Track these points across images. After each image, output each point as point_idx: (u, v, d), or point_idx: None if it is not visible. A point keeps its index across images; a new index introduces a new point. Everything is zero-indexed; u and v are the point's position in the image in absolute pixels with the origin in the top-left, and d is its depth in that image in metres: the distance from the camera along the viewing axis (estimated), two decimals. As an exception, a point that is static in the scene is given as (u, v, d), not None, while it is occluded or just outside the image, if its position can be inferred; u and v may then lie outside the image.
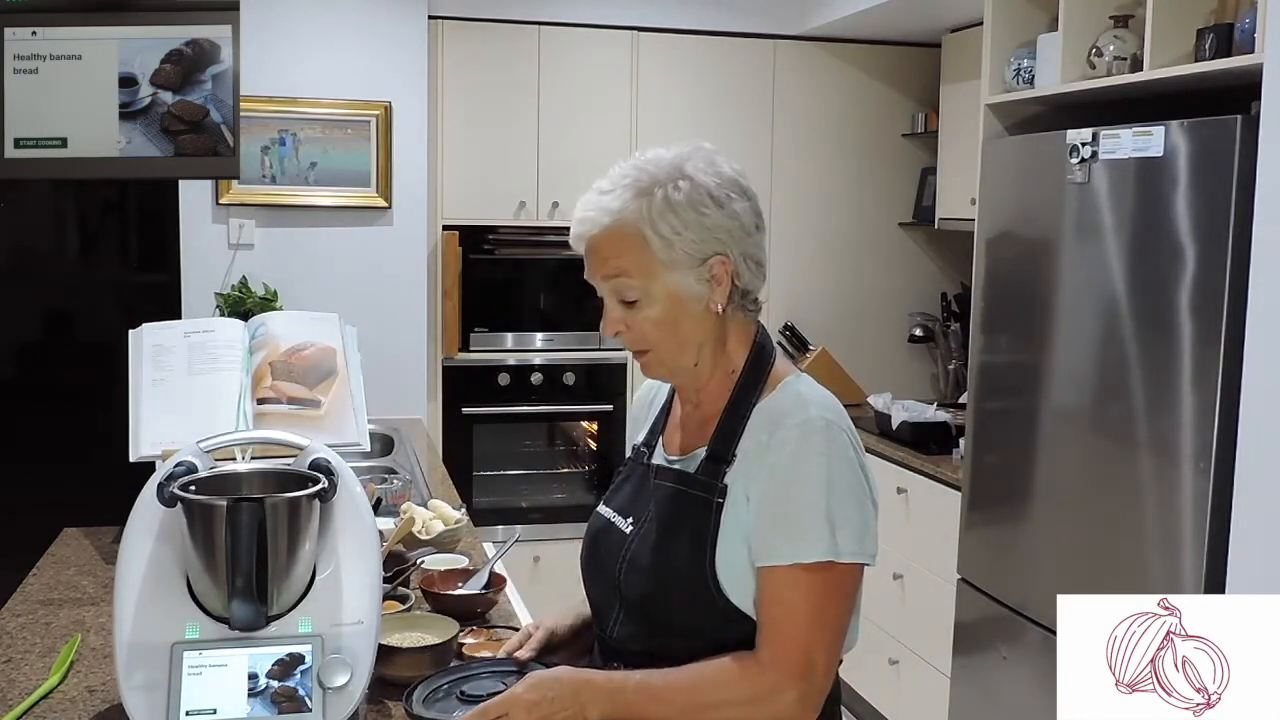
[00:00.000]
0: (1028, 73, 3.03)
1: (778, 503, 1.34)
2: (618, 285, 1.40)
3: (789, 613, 1.32)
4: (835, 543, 1.31)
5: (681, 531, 1.40)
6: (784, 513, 1.33)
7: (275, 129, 3.81)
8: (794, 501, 1.33)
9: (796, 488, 1.33)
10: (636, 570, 1.43)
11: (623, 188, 1.39)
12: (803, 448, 1.34)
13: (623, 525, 1.48)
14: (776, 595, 1.33)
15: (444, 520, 2.29)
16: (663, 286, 1.39)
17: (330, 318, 2.24)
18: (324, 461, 1.47)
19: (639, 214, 1.37)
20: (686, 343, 1.42)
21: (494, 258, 4.12)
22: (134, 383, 2.11)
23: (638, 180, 1.39)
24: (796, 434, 1.34)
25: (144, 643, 1.39)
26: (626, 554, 1.45)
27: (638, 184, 1.38)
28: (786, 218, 4.34)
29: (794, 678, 1.31)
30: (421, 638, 1.69)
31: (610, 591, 1.47)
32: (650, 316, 1.40)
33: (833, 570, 1.32)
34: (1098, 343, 2.70)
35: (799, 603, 1.32)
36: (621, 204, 1.38)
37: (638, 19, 4.16)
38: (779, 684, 1.31)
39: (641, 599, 1.41)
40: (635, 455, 1.56)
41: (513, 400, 4.14)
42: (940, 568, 3.33)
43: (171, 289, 3.81)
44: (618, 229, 1.38)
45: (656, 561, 1.40)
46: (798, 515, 1.32)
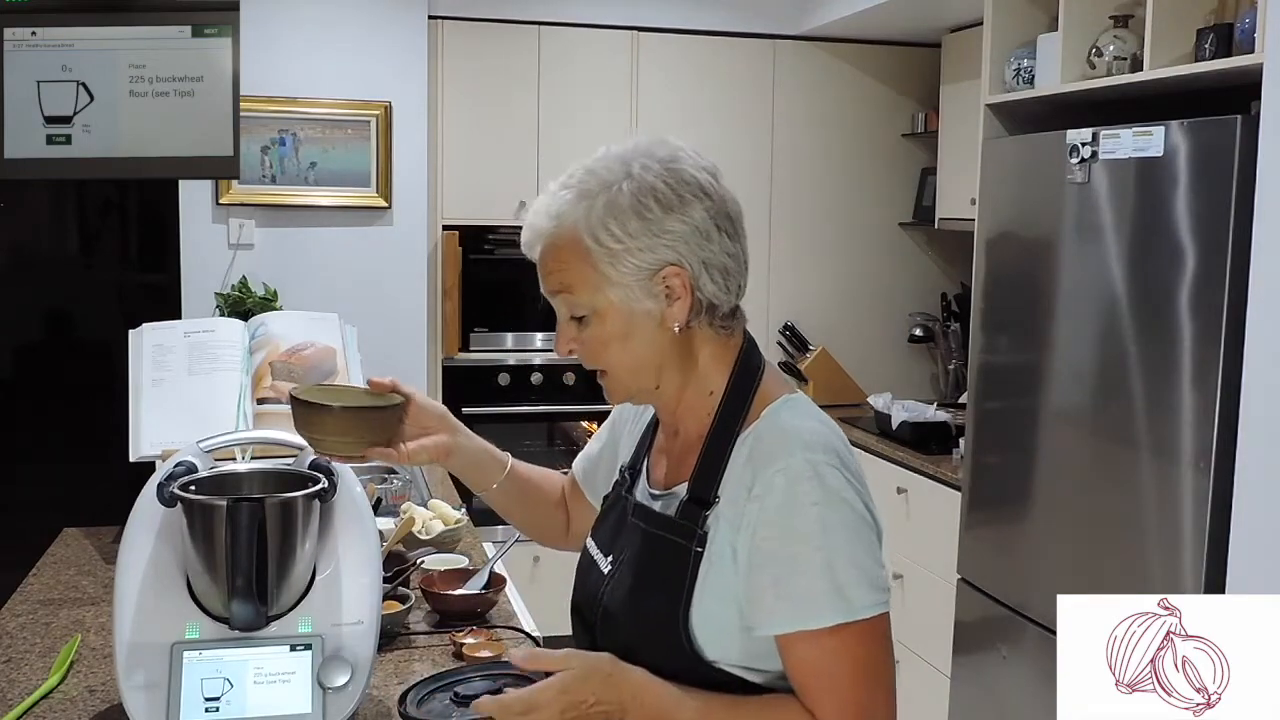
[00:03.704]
0: (1028, 73, 3.03)
1: (773, 564, 1.17)
2: (564, 301, 1.26)
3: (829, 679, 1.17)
4: (847, 602, 1.15)
5: (654, 580, 1.24)
6: (781, 576, 1.16)
7: (275, 129, 3.81)
8: (790, 563, 1.16)
9: (791, 546, 1.16)
10: (610, 619, 1.29)
11: (568, 189, 1.24)
12: (791, 498, 1.17)
13: (602, 564, 1.34)
14: (806, 664, 1.17)
15: (444, 520, 2.30)
16: (609, 302, 1.23)
17: (330, 318, 2.25)
18: (324, 461, 1.47)
19: (580, 221, 1.22)
20: (643, 365, 1.27)
21: (494, 258, 4.13)
22: (134, 383, 2.11)
23: (583, 182, 1.24)
24: (782, 481, 1.17)
25: (144, 643, 1.39)
26: (602, 598, 1.31)
27: (583, 186, 1.23)
28: (786, 218, 4.35)
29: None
30: (358, 397, 1.38)
31: (589, 633, 1.33)
32: (598, 335, 1.25)
33: (847, 630, 1.15)
34: (1098, 343, 2.70)
35: (834, 665, 1.16)
36: (562, 209, 1.23)
37: (638, 19, 4.16)
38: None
39: (618, 650, 1.23)
40: (620, 480, 1.41)
41: (513, 400, 4.14)
42: (940, 568, 3.33)
43: (171, 289, 3.81)
44: (558, 238, 1.23)
45: (629, 611, 1.27)
46: (798, 579, 1.16)
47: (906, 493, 3.54)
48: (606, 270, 1.22)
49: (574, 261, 1.23)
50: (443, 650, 1.78)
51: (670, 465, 1.34)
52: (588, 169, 1.26)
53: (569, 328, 1.28)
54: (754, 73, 4.30)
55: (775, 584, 1.17)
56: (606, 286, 1.23)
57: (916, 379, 4.49)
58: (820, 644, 1.16)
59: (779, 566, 1.16)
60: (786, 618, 1.16)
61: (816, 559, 1.15)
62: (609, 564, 1.33)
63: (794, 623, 1.16)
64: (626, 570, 1.29)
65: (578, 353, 1.30)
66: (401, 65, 3.92)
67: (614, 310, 1.24)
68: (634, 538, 1.31)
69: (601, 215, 1.21)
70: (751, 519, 1.18)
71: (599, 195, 1.22)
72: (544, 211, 1.25)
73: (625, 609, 1.27)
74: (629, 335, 1.25)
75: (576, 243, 1.22)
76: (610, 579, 1.31)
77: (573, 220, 1.22)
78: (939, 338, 4.29)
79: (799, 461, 1.18)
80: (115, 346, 2.23)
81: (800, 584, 1.15)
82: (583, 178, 1.25)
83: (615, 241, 1.21)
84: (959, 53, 3.98)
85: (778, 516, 1.17)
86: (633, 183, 1.22)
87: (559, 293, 1.26)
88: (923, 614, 3.47)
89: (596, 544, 1.39)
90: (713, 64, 4.25)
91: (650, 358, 1.26)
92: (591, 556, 1.38)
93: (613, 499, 1.42)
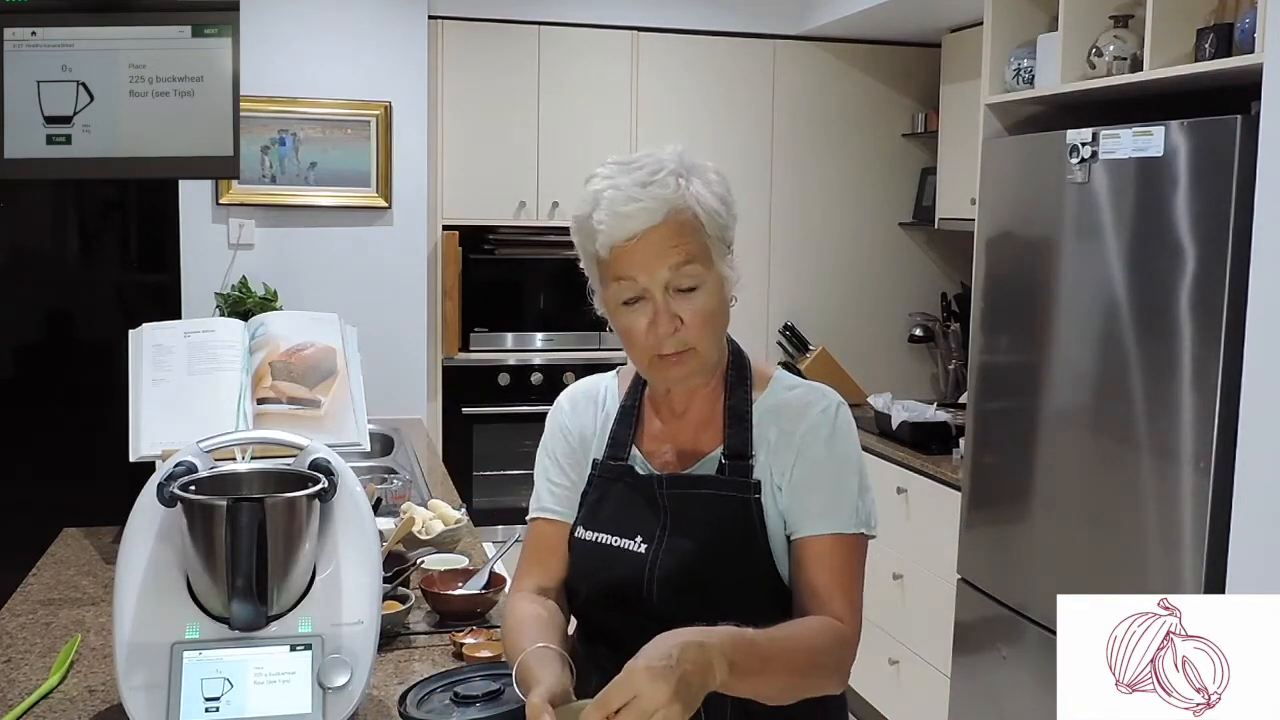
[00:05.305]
0: (1028, 73, 3.03)
1: (818, 479, 1.40)
2: (685, 274, 1.35)
3: (843, 575, 1.38)
4: (866, 516, 1.41)
5: (725, 534, 1.40)
6: (827, 487, 1.40)
7: (275, 129, 3.81)
8: (833, 478, 1.40)
9: (834, 465, 1.40)
10: (674, 586, 1.38)
11: (665, 173, 1.34)
12: (835, 429, 1.42)
13: (632, 546, 1.42)
14: (827, 561, 1.38)
15: (444, 520, 2.29)
16: (716, 274, 1.38)
17: (330, 318, 2.24)
18: (324, 461, 1.47)
19: (693, 198, 1.35)
20: (722, 338, 1.44)
21: (494, 258, 4.13)
22: (134, 383, 2.11)
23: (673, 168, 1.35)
24: (826, 420, 1.42)
25: (144, 643, 1.39)
26: (653, 573, 1.40)
27: (676, 171, 1.35)
28: (786, 218, 4.35)
29: (858, 631, 1.37)
30: None
31: (635, 615, 1.38)
32: (706, 307, 1.37)
33: (861, 540, 1.40)
34: (1098, 343, 2.70)
35: (849, 566, 1.39)
36: (672, 190, 1.33)
37: (638, 19, 4.16)
38: (852, 639, 1.36)
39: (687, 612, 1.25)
40: (609, 472, 1.48)
41: (513, 400, 4.14)
42: (940, 568, 3.33)
43: (171, 289, 3.81)
44: (677, 215, 1.34)
45: (702, 569, 1.38)
46: (836, 491, 1.40)
47: (906, 493, 3.54)
48: (718, 243, 1.37)
49: (691, 235, 1.35)
50: (443, 650, 1.78)
51: (684, 441, 1.46)
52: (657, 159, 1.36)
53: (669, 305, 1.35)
54: (754, 73, 4.30)
55: (821, 493, 1.39)
56: (715, 258, 1.37)
57: (916, 379, 4.49)
58: (844, 545, 1.38)
59: (827, 479, 1.40)
60: (827, 521, 1.38)
61: (853, 479, 1.41)
62: (640, 544, 1.42)
63: (832, 525, 1.38)
64: (679, 540, 1.40)
65: (681, 332, 1.36)
66: (401, 65, 3.92)
67: (716, 282, 1.37)
68: (679, 506, 1.41)
69: (701, 193, 1.35)
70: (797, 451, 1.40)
71: (693, 179, 1.36)
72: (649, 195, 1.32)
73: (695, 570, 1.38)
74: (721, 308, 1.40)
75: (692, 218, 1.35)
76: (656, 555, 1.40)
77: (685, 198, 1.34)
78: (939, 338, 4.29)
79: (834, 402, 1.44)
80: (115, 347, 2.23)
81: (839, 496, 1.40)
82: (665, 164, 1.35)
83: (716, 216, 1.36)
84: (959, 53, 3.98)
85: (825, 445, 1.40)
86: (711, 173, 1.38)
87: (683, 264, 1.34)
88: (922, 614, 3.47)
89: (608, 533, 1.45)
90: (713, 64, 4.25)
91: (724, 329, 1.43)
92: (609, 545, 1.44)
93: (603, 488, 1.47)
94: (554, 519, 1.51)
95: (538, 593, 1.48)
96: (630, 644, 1.23)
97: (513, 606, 1.46)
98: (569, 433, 1.53)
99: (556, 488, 1.52)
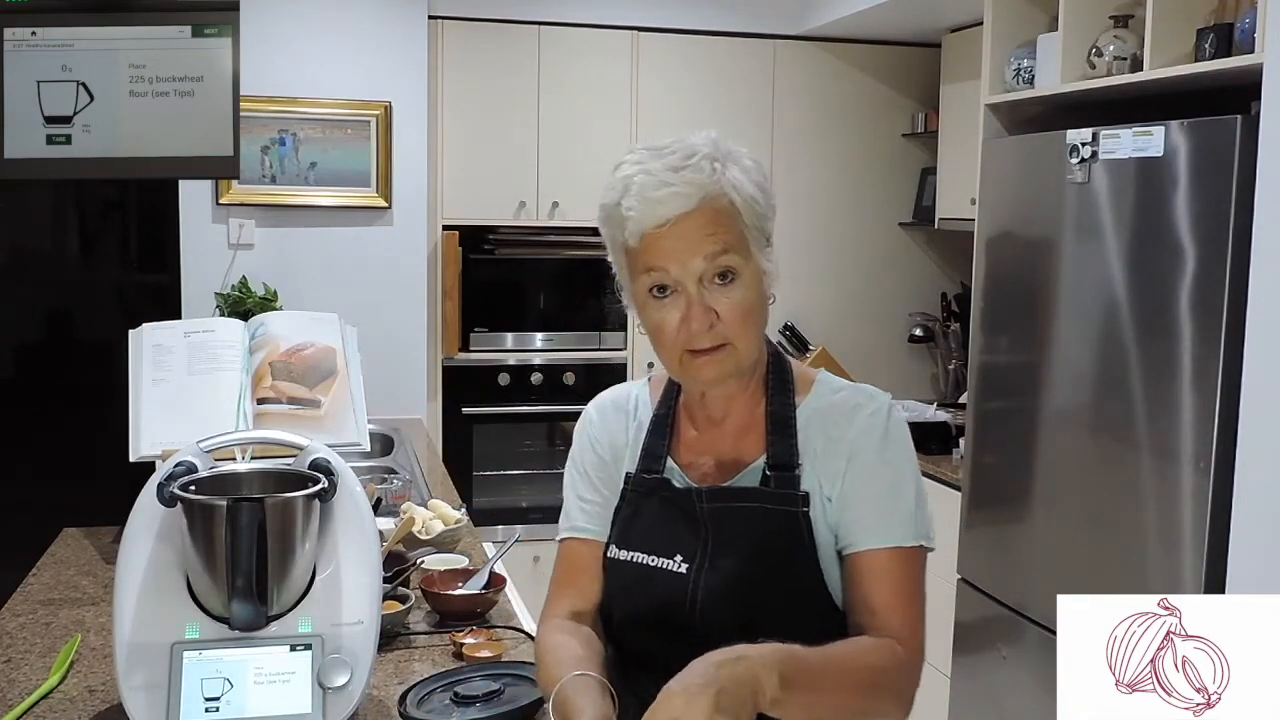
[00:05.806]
0: (1028, 73, 3.03)
1: (872, 488, 1.30)
2: (721, 263, 1.26)
3: (902, 592, 1.28)
4: (924, 527, 1.31)
5: (771, 550, 1.30)
6: (883, 497, 1.30)
7: (275, 129, 3.81)
8: (888, 486, 1.31)
9: (888, 472, 1.31)
10: (718, 608, 1.29)
11: (699, 157, 1.25)
12: (888, 433, 1.33)
13: (672, 566, 1.33)
14: (885, 578, 1.28)
15: (444, 520, 2.29)
16: (754, 266, 1.29)
17: (330, 318, 2.24)
18: (324, 461, 1.47)
19: (730, 184, 1.26)
20: (761, 334, 1.33)
21: (494, 258, 4.12)
22: (134, 383, 2.11)
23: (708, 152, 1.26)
24: (878, 423, 1.33)
25: (144, 643, 1.39)
26: (697, 593, 1.30)
27: (711, 156, 1.26)
28: (786, 218, 4.28)
29: (919, 653, 1.28)
30: None
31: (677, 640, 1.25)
32: (744, 300, 1.28)
33: (920, 553, 1.31)
34: (1098, 343, 2.70)
35: (909, 582, 1.29)
36: (707, 175, 1.24)
37: (638, 19, 4.16)
38: (914, 661, 1.27)
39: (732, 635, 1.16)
40: (643, 486, 1.38)
41: (513, 400, 4.14)
42: (940, 568, 3.33)
43: (171, 289, 3.81)
44: (712, 202, 1.25)
45: (748, 590, 1.29)
46: (892, 500, 1.30)
47: (906, 493, 3.54)
48: (756, 233, 1.29)
49: (728, 222, 1.26)
50: (443, 650, 1.78)
51: (723, 451, 1.37)
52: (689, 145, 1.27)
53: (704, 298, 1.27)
54: (754, 73, 4.30)
55: (876, 504, 1.30)
56: (753, 248, 1.29)
57: (916, 379, 4.49)
58: (902, 559, 1.28)
59: (881, 488, 1.30)
60: (883, 534, 1.29)
61: (909, 486, 1.32)
62: (680, 564, 1.32)
63: (888, 538, 1.28)
64: (723, 558, 1.31)
65: (717, 326, 1.28)
66: (401, 65, 3.92)
67: (754, 274, 1.29)
68: (721, 520, 1.32)
69: (739, 179, 1.27)
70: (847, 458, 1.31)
71: (728, 162, 1.27)
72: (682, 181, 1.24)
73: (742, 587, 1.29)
74: (759, 301, 1.30)
75: (729, 205, 1.26)
76: (699, 575, 1.31)
77: (720, 184, 1.26)
78: (939, 338, 4.29)
79: (884, 403, 1.35)
80: (115, 347, 2.22)
81: (896, 506, 1.30)
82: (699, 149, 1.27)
83: (768, 203, 1.30)
84: (959, 53, 3.98)
85: (877, 451, 1.31)
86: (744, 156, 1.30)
87: (721, 254, 1.26)
88: (923, 614, 3.47)
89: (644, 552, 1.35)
90: (713, 64, 4.25)
91: (764, 326, 1.33)
92: (645, 564, 1.34)
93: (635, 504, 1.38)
94: (586, 538, 1.42)
95: (572, 617, 1.38)
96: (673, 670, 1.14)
97: (545, 634, 1.37)
98: (599, 444, 1.45)
99: (587, 504, 1.43)
